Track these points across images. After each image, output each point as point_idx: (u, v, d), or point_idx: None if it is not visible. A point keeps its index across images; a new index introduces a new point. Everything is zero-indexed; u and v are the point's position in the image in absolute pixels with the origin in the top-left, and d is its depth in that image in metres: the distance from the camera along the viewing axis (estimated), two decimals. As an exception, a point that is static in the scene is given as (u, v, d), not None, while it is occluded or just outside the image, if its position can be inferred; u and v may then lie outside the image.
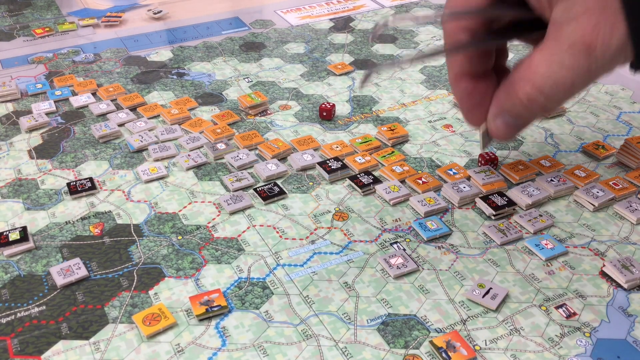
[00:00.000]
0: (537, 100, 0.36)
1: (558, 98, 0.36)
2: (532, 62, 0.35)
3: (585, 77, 0.34)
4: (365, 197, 0.46)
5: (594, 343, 0.35)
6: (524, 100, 0.36)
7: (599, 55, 0.33)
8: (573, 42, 0.33)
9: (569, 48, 0.33)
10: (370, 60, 0.65)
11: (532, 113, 0.37)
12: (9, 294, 0.38)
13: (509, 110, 0.38)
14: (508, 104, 0.38)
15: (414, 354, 0.34)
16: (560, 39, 0.34)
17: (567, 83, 0.35)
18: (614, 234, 0.43)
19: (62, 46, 0.68)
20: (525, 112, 0.37)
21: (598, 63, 0.33)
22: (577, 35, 0.33)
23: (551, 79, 0.35)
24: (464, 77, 0.40)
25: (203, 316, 0.36)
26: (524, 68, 0.36)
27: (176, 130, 0.53)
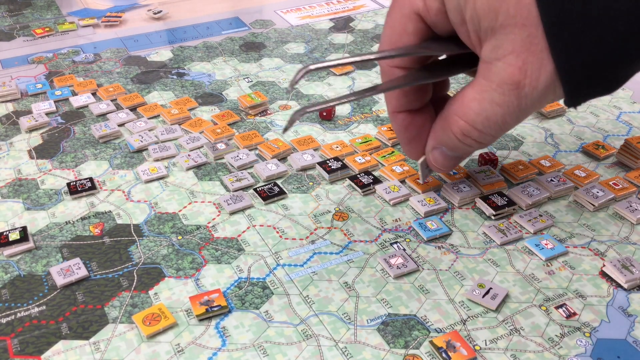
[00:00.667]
0: (471, 135, 0.37)
1: (491, 133, 0.37)
2: (465, 98, 0.36)
3: (516, 113, 0.35)
4: (365, 197, 0.46)
5: (594, 343, 0.35)
6: (458, 135, 0.37)
7: (528, 94, 0.34)
8: (502, 80, 0.34)
9: (498, 86, 0.34)
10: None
11: (467, 146, 0.38)
12: (9, 294, 0.38)
13: (446, 143, 0.39)
14: (444, 137, 0.39)
15: (414, 354, 0.34)
16: (490, 77, 0.34)
17: (498, 120, 0.35)
18: (614, 234, 0.43)
19: (62, 46, 0.68)
20: (460, 145, 0.38)
21: (527, 100, 0.34)
22: (506, 74, 0.33)
23: (482, 116, 0.36)
24: (401, 112, 0.40)
25: (203, 316, 0.36)
26: (457, 104, 0.37)
27: (176, 130, 0.53)
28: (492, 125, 0.36)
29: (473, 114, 0.36)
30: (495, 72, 0.34)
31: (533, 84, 0.33)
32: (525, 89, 0.33)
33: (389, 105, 0.41)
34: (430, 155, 0.41)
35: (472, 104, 0.36)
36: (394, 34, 0.38)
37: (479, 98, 0.35)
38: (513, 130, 0.53)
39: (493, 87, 0.34)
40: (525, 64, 0.33)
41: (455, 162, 0.41)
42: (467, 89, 0.36)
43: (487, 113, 0.35)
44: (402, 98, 0.40)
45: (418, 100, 0.40)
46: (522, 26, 0.32)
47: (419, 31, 0.37)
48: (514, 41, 0.32)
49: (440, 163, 0.40)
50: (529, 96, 0.34)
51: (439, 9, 0.35)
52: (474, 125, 0.36)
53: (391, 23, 0.38)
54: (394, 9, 0.38)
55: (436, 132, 0.39)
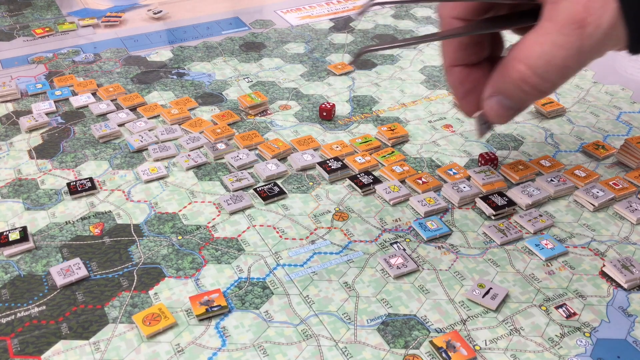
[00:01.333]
0: (530, 80, 0.36)
1: (551, 78, 0.36)
2: (526, 42, 0.35)
3: (578, 56, 0.34)
4: (365, 197, 0.46)
5: (594, 343, 0.35)
6: (517, 79, 0.36)
7: (592, 33, 0.33)
8: (565, 20, 0.33)
9: (562, 27, 0.33)
10: (370, 60, 0.65)
11: (526, 94, 0.37)
12: (9, 294, 0.38)
13: (503, 91, 0.38)
14: (502, 84, 0.37)
15: (414, 354, 0.34)
16: (554, 18, 0.34)
17: (559, 63, 0.35)
18: (614, 234, 0.43)
19: (62, 46, 0.68)
20: (518, 92, 0.37)
21: (591, 41, 0.33)
22: (570, 13, 0.33)
23: (543, 58, 0.35)
24: (458, 65, 0.39)
25: (203, 316, 0.36)
26: (518, 48, 0.36)
27: (176, 130, 0.53)
28: (553, 69, 0.35)
29: (534, 57, 0.35)
30: (560, 12, 0.33)
31: (596, 22, 0.32)
32: (588, 28, 0.33)
33: (446, 59, 0.40)
34: (486, 104, 0.39)
35: (534, 47, 0.35)
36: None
37: (541, 41, 0.34)
38: (513, 130, 0.53)
39: (556, 29, 0.34)
40: (590, 1, 0.32)
41: (511, 114, 0.39)
42: (530, 34, 0.35)
43: (548, 56, 0.35)
44: (460, 51, 0.39)
45: (475, 54, 0.39)
46: None
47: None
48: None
49: (496, 112, 0.39)
50: (592, 36, 0.33)
51: None
52: (534, 70, 0.35)
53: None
54: None
55: (494, 79, 0.38)
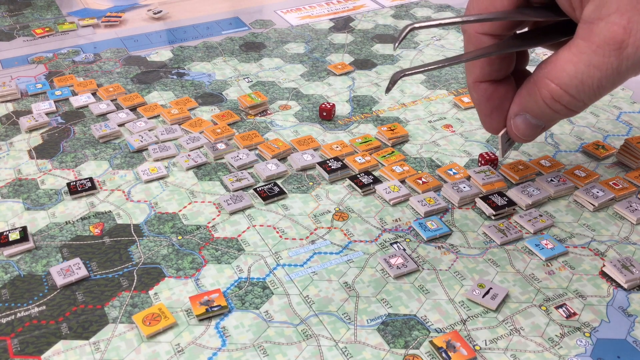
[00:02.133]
0: (562, 100, 0.35)
1: (584, 98, 0.35)
2: (559, 61, 0.34)
3: (614, 77, 0.34)
4: (365, 197, 0.46)
5: (594, 343, 0.35)
6: (547, 99, 0.35)
7: (631, 55, 0.32)
8: (603, 41, 0.33)
9: (599, 47, 0.33)
10: (370, 60, 0.65)
11: (555, 113, 0.36)
12: (9, 294, 0.38)
13: (531, 109, 0.37)
14: (530, 102, 0.37)
15: (414, 354, 0.34)
16: (591, 38, 0.33)
17: (594, 83, 0.34)
18: (614, 234, 0.43)
19: (62, 46, 0.68)
20: (547, 111, 0.36)
21: (629, 62, 0.33)
22: (608, 34, 0.32)
23: (578, 78, 0.34)
24: (484, 81, 0.39)
25: (203, 316, 0.36)
26: (549, 66, 0.35)
27: (176, 130, 0.53)
28: (587, 89, 0.34)
29: (567, 76, 0.34)
30: (597, 33, 0.33)
31: (637, 44, 0.32)
32: (628, 49, 0.32)
33: (471, 75, 0.39)
34: (512, 123, 0.38)
35: (567, 66, 0.34)
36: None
37: (576, 60, 0.34)
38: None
39: (593, 49, 0.33)
40: (631, 23, 0.32)
41: (537, 132, 0.39)
42: (562, 52, 0.34)
43: (582, 76, 0.34)
44: (486, 67, 0.38)
45: (502, 70, 0.38)
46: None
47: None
48: (619, 0, 0.31)
49: (522, 131, 0.38)
50: (630, 57, 0.32)
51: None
52: (566, 89, 0.35)
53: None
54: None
55: (521, 98, 0.37)
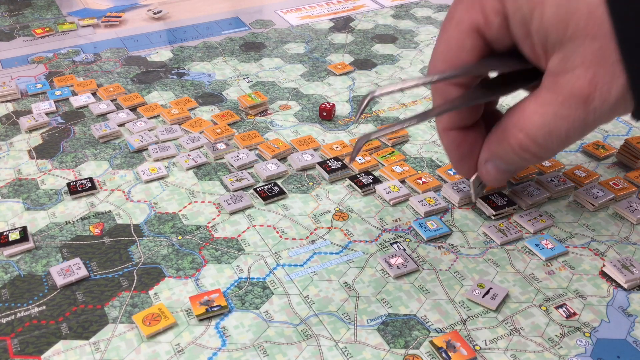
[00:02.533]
0: (530, 149, 0.35)
1: (553, 147, 0.35)
2: (526, 111, 0.35)
3: (582, 128, 0.34)
4: (365, 197, 0.46)
5: (594, 343, 0.35)
6: (515, 148, 0.36)
7: (597, 107, 0.32)
8: (570, 93, 0.33)
9: (565, 100, 0.33)
10: (370, 60, 0.65)
11: (524, 160, 0.37)
12: (9, 294, 0.38)
13: (500, 157, 0.37)
14: (500, 150, 0.37)
15: (414, 354, 0.34)
16: (556, 90, 0.33)
17: (561, 134, 0.34)
18: (614, 234, 0.43)
19: (62, 46, 0.68)
20: (516, 159, 0.37)
21: (596, 115, 0.33)
22: (574, 87, 0.32)
23: (544, 129, 0.34)
24: (453, 129, 0.39)
25: (203, 316, 0.36)
26: (517, 116, 0.35)
27: (176, 130, 0.53)
28: (554, 139, 0.34)
29: (535, 127, 0.34)
30: (563, 85, 0.33)
31: (603, 97, 0.32)
32: (594, 103, 0.32)
33: (439, 123, 0.40)
34: (483, 168, 0.39)
35: (534, 117, 0.34)
36: (450, 52, 0.36)
37: (542, 111, 0.34)
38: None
39: (559, 100, 0.33)
40: (596, 77, 0.31)
41: (508, 176, 0.39)
42: (529, 102, 0.35)
43: (550, 127, 0.34)
44: (455, 115, 0.39)
45: (471, 116, 0.39)
46: (593, 38, 0.31)
47: (478, 48, 0.36)
48: (584, 53, 0.31)
49: (493, 177, 0.39)
50: (597, 110, 0.32)
51: (501, 23, 0.34)
52: (534, 139, 0.35)
53: (447, 39, 0.36)
54: (449, 25, 0.36)
55: (491, 145, 0.38)
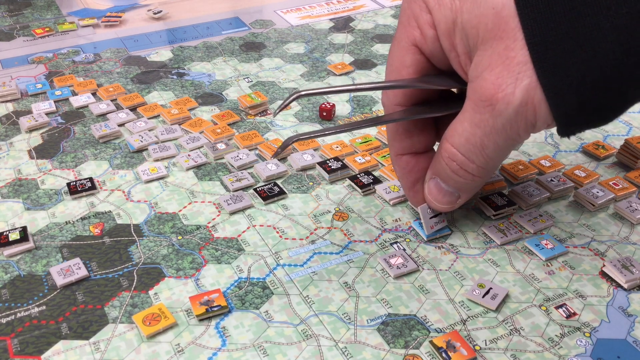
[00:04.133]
0: (456, 159, 0.35)
1: (474, 159, 0.35)
2: (454, 122, 0.35)
3: (494, 135, 0.33)
4: (365, 197, 0.46)
5: (594, 343, 0.35)
6: (445, 158, 0.36)
7: (502, 110, 0.31)
8: (478, 98, 0.32)
9: (476, 105, 0.32)
10: (370, 60, 0.65)
11: (456, 174, 0.36)
12: (9, 294, 0.38)
13: (438, 172, 0.37)
14: (437, 165, 0.37)
15: (414, 354, 0.34)
16: (471, 96, 0.33)
17: (477, 142, 0.34)
18: (614, 234, 0.43)
19: (62, 46, 0.68)
20: (449, 173, 0.36)
21: (503, 119, 0.32)
22: (481, 90, 0.32)
23: (463, 136, 0.34)
24: (405, 154, 0.39)
25: (203, 316, 0.36)
26: (448, 128, 0.35)
27: (176, 130, 0.53)
28: (473, 148, 0.34)
29: (457, 136, 0.35)
30: (475, 90, 0.32)
31: (507, 99, 0.31)
32: (498, 106, 0.31)
33: (392, 149, 0.40)
34: (426, 187, 0.39)
35: (456, 125, 0.35)
36: (393, 68, 0.37)
37: (461, 119, 0.34)
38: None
39: (472, 106, 0.33)
40: (499, 78, 0.31)
41: (450, 199, 0.39)
42: (459, 114, 0.35)
43: (467, 135, 0.34)
44: (405, 140, 0.39)
45: (421, 142, 0.39)
46: (499, 39, 0.30)
47: (417, 63, 0.36)
48: (491, 55, 0.31)
49: (434, 196, 0.39)
50: (503, 113, 0.31)
51: (434, 35, 0.34)
52: (458, 149, 0.35)
53: (391, 57, 0.37)
54: (393, 43, 0.37)
55: (433, 162, 0.38)
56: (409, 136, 0.39)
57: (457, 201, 0.39)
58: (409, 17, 0.35)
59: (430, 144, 0.40)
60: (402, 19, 0.36)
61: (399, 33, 0.36)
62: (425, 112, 0.38)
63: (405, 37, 0.36)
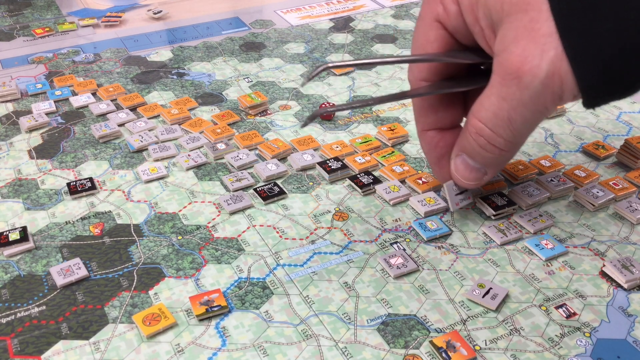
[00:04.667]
0: (483, 134, 0.35)
1: (502, 133, 0.35)
2: (482, 97, 0.35)
3: (521, 109, 0.33)
4: (365, 197, 0.46)
5: (594, 343, 0.35)
6: (473, 134, 0.36)
7: (529, 83, 0.31)
8: (505, 71, 0.32)
9: (503, 79, 0.32)
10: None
11: (483, 149, 0.36)
12: (9, 294, 0.38)
13: (465, 148, 0.37)
14: (464, 141, 0.37)
15: (414, 354, 0.34)
16: (497, 70, 0.33)
17: (504, 116, 0.33)
18: (614, 234, 0.43)
19: (62, 46, 0.68)
20: (477, 148, 0.36)
21: (530, 92, 0.31)
22: (507, 64, 0.32)
23: (491, 111, 0.34)
24: (431, 129, 0.39)
25: (203, 316, 0.36)
26: (475, 103, 0.35)
27: (176, 130, 0.53)
28: (500, 122, 0.34)
29: (484, 110, 0.34)
30: (500, 64, 0.32)
31: (533, 72, 0.31)
32: (525, 78, 0.31)
33: (419, 124, 0.40)
34: (452, 164, 0.39)
35: (484, 100, 0.34)
36: (418, 44, 0.37)
37: (489, 94, 0.34)
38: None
39: (499, 81, 0.33)
40: (525, 51, 0.31)
41: (478, 176, 0.38)
42: (486, 88, 0.35)
43: (494, 109, 0.34)
44: (431, 115, 0.39)
45: (447, 117, 0.39)
46: (524, 11, 0.30)
47: (441, 38, 0.36)
48: (516, 28, 0.31)
49: (461, 173, 0.38)
50: (530, 86, 0.31)
51: (457, 11, 0.34)
52: (485, 123, 0.35)
53: (416, 33, 0.37)
54: (418, 20, 0.37)
55: (459, 138, 0.38)
56: (434, 111, 0.39)
57: (484, 177, 0.39)
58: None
59: (456, 120, 0.40)
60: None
61: (423, 10, 0.36)
62: (451, 87, 0.37)
63: (429, 13, 0.36)
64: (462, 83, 0.38)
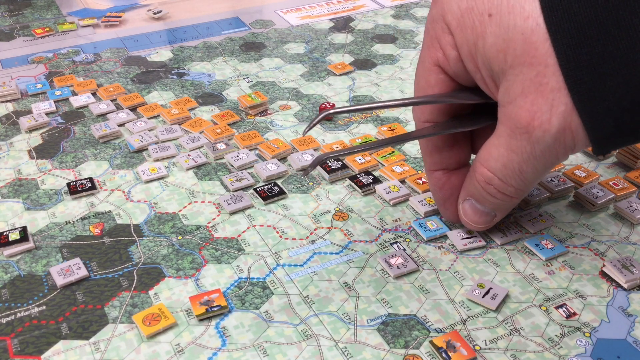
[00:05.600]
0: (493, 183, 0.35)
1: (512, 183, 0.35)
2: (487, 144, 0.35)
3: (533, 162, 0.33)
4: (365, 197, 0.46)
5: (594, 343, 0.35)
6: (481, 182, 0.36)
7: (540, 138, 0.31)
8: (514, 125, 0.32)
9: (512, 131, 0.32)
10: (370, 60, 0.65)
11: (493, 197, 0.36)
12: (9, 294, 0.38)
13: (473, 194, 0.37)
14: (471, 186, 0.37)
15: (414, 354, 0.34)
16: (505, 121, 0.33)
17: (515, 167, 0.34)
18: (614, 234, 0.43)
19: (62, 46, 0.68)
20: (485, 195, 0.36)
21: (541, 146, 0.32)
22: (516, 117, 0.32)
23: (500, 162, 0.34)
24: (437, 170, 0.39)
25: (203, 316, 0.36)
26: (482, 150, 0.35)
27: (176, 130, 0.53)
28: (511, 173, 0.34)
29: (493, 160, 0.34)
30: (508, 116, 0.32)
31: (544, 127, 0.31)
32: (535, 133, 0.31)
33: (426, 164, 0.40)
34: (461, 208, 0.39)
35: (492, 150, 0.34)
36: (420, 87, 0.37)
37: (497, 144, 0.34)
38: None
39: (508, 133, 0.33)
40: (534, 106, 0.31)
41: (486, 219, 0.39)
42: (491, 136, 0.35)
43: (504, 160, 0.34)
44: (437, 155, 0.39)
45: (453, 157, 0.39)
46: (530, 65, 0.30)
47: (442, 82, 0.36)
48: (523, 81, 0.31)
49: (470, 217, 0.39)
50: (540, 141, 0.31)
51: (457, 56, 0.34)
52: (494, 173, 0.35)
53: (417, 76, 0.37)
54: (419, 63, 0.37)
55: (466, 183, 0.38)
56: (439, 151, 0.39)
57: (493, 220, 0.39)
58: (431, 38, 0.36)
59: (463, 160, 0.40)
60: (425, 40, 0.36)
61: (423, 53, 0.36)
62: (456, 127, 0.38)
63: (428, 57, 0.36)
64: (467, 123, 0.38)
